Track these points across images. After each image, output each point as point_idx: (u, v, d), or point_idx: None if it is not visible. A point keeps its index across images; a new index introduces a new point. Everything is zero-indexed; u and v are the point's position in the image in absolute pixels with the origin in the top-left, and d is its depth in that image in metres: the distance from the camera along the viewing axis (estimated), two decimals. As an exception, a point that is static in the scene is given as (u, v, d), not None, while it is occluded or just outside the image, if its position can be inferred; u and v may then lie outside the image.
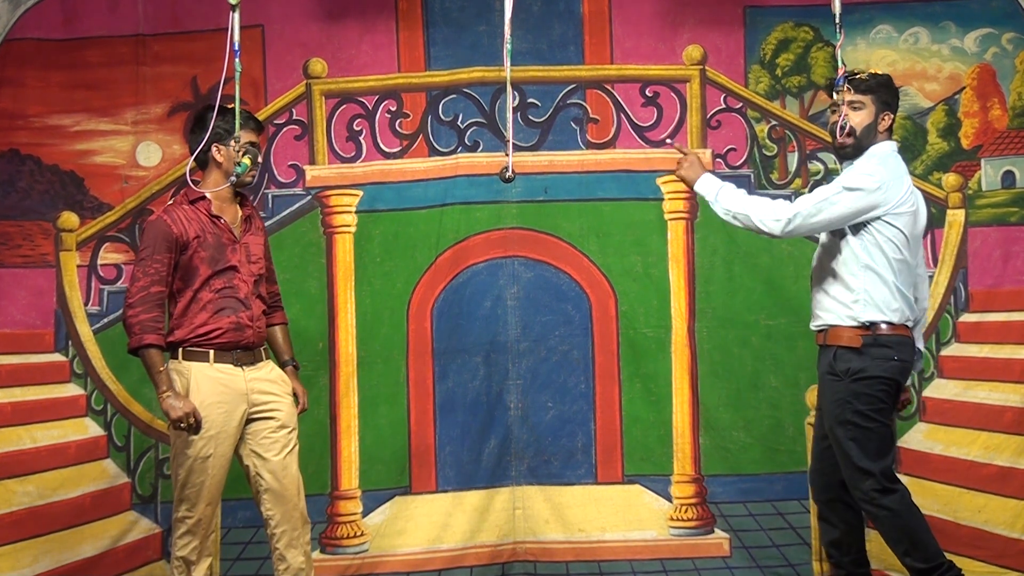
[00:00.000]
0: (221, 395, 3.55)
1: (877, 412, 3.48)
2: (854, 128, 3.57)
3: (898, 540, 3.51)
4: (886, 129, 3.62)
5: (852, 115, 3.56)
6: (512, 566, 4.53)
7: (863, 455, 3.46)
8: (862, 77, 3.61)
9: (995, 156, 4.59)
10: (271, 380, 3.69)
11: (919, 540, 3.50)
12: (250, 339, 3.63)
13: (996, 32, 4.59)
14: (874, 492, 3.46)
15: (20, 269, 4.55)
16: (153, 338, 3.48)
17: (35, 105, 4.58)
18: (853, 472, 3.50)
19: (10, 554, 4.31)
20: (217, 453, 3.56)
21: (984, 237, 4.59)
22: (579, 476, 4.60)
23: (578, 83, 4.67)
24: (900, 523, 3.48)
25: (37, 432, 4.47)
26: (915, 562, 3.50)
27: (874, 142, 3.60)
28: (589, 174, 4.63)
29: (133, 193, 4.64)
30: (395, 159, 4.68)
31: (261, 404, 3.63)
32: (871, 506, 3.49)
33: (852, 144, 3.58)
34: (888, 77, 3.69)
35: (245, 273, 3.65)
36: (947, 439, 4.52)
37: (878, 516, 3.51)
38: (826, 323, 3.60)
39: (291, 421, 3.68)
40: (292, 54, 4.67)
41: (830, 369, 3.55)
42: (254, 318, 3.65)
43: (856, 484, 3.50)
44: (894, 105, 3.65)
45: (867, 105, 3.58)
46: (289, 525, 3.64)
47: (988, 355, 4.53)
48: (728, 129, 4.65)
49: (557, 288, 4.64)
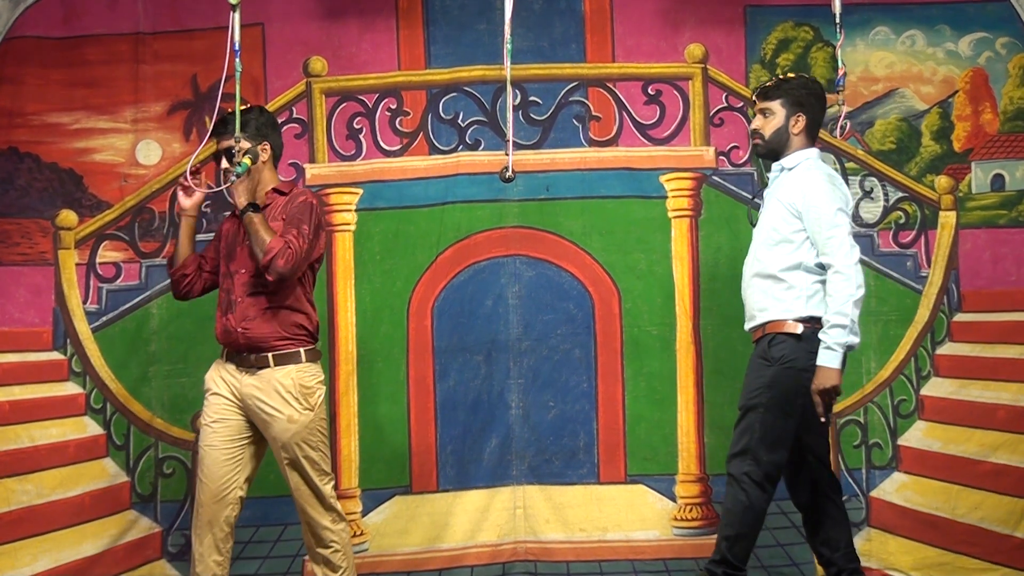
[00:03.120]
0: (218, 388, 3.58)
1: (790, 405, 3.56)
2: (762, 133, 3.71)
3: (731, 524, 3.60)
4: (801, 131, 3.68)
5: (762, 122, 3.71)
6: (513, 566, 4.51)
7: (761, 442, 3.55)
8: (767, 84, 3.72)
9: (985, 159, 4.63)
10: (266, 390, 3.53)
11: (744, 538, 3.60)
12: (238, 342, 3.54)
13: (990, 36, 4.63)
14: (748, 478, 3.55)
15: (18, 267, 4.52)
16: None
17: (34, 103, 4.56)
18: (742, 451, 3.59)
19: (9, 553, 4.28)
20: (203, 444, 3.56)
21: (974, 239, 4.63)
22: (581, 476, 4.59)
23: (580, 81, 4.67)
24: (746, 516, 3.57)
25: (36, 431, 4.44)
26: (726, 551, 3.60)
27: (789, 144, 3.70)
28: (591, 172, 4.64)
29: (132, 191, 4.63)
30: (395, 157, 4.68)
31: (256, 412, 3.55)
32: (736, 485, 3.58)
33: (763, 147, 3.73)
34: (801, 78, 3.74)
35: (243, 271, 3.57)
36: (945, 437, 4.55)
37: (735, 495, 3.59)
38: (765, 320, 3.67)
39: (283, 436, 3.52)
40: (292, 52, 4.66)
41: (763, 354, 3.63)
42: (239, 320, 3.54)
43: (738, 460, 3.59)
44: (811, 104, 3.69)
45: (776, 111, 3.69)
46: (304, 528, 3.62)
47: (980, 354, 4.58)
48: (731, 127, 4.67)
49: (559, 286, 4.64)
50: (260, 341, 3.54)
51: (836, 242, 3.51)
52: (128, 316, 4.59)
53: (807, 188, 3.60)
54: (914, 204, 4.66)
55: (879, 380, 4.60)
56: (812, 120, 3.70)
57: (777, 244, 3.64)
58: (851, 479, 4.58)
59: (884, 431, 4.60)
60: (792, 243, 3.60)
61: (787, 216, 3.62)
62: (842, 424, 4.59)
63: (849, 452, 4.59)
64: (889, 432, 4.60)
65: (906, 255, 4.64)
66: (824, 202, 3.56)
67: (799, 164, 3.68)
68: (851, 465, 4.59)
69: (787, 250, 3.61)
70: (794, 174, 3.68)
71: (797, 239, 3.60)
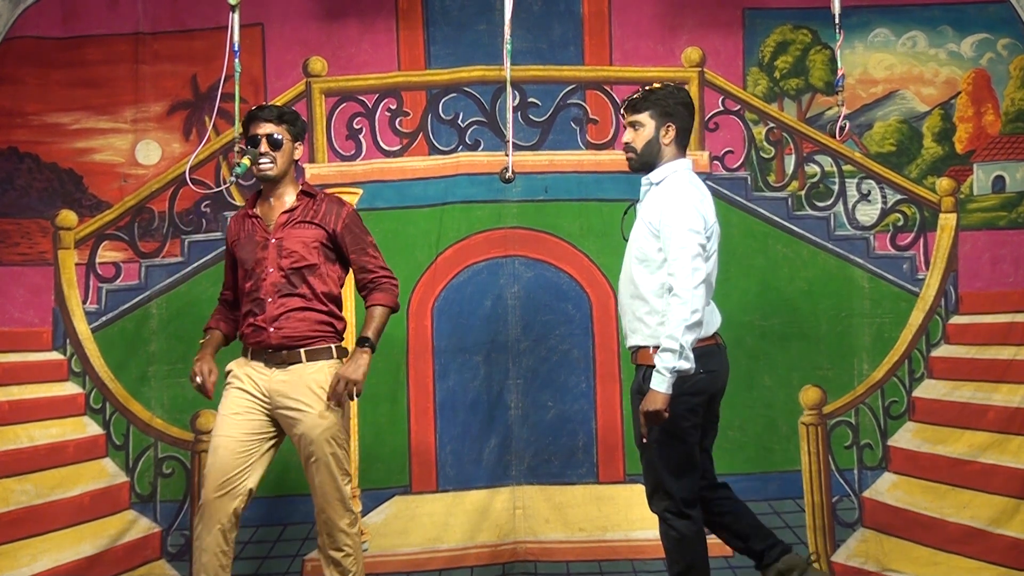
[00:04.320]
0: (243, 383, 3.56)
1: (681, 431, 3.47)
2: (634, 147, 3.59)
3: (676, 561, 3.57)
4: (671, 140, 3.58)
5: (633, 135, 3.59)
6: (513, 566, 4.53)
7: (666, 473, 3.50)
8: (635, 97, 3.60)
9: (987, 161, 4.65)
10: (297, 386, 3.53)
11: (694, 568, 3.56)
12: (269, 340, 3.54)
13: (992, 37, 4.64)
14: (668, 513, 3.53)
15: (18, 267, 4.53)
16: (211, 323, 3.78)
17: (34, 103, 4.57)
18: (654, 489, 3.56)
19: (9, 553, 4.30)
20: (219, 433, 3.54)
21: (974, 241, 4.64)
22: (580, 476, 4.61)
23: (578, 83, 4.69)
24: (684, 548, 3.54)
25: (35, 431, 4.46)
26: None
27: (661, 155, 3.58)
28: (589, 174, 4.65)
29: (132, 191, 4.63)
30: (395, 157, 4.69)
31: (284, 409, 3.54)
32: (663, 523, 3.57)
33: (636, 160, 3.61)
34: (668, 88, 3.63)
35: (272, 271, 3.56)
36: (934, 437, 4.58)
37: (666, 532, 3.57)
38: (636, 344, 3.58)
39: (312, 432, 3.51)
40: (292, 52, 4.67)
41: (639, 389, 3.51)
42: (270, 319, 3.54)
43: (655, 499, 3.56)
44: (679, 113, 3.58)
45: (645, 123, 3.57)
46: (320, 527, 3.62)
47: (974, 356, 4.59)
48: (726, 131, 4.68)
49: (557, 287, 4.65)
50: (292, 339, 3.55)
51: (679, 264, 3.36)
52: (128, 316, 4.60)
53: (665, 206, 3.47)
54: (913, 206, 4.67)
55: (871, 382, 4.62)
56: (682, 128, 3.59)
57: (641, 263, 3.53)
58: (843, 480, 4.61)
59: (875, 432, 4.62)
60: (654, 262, 3.48)
61: (648, 235, 3.50)
62: (833, 425, 4.62)
63: (840, 453, 4.61)
64: (879, 433, 4.62)
65: (903, 257, 4.66)
66: (676, 221, 3.40)
67: (665, 179, 3.55)
68: (842, 466, 4.61)
69: (650, 270, 3.50)
70: (659, 189, 3.56)
71: (658, 259, 3.46)
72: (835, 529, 4.58)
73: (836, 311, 4.64)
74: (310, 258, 3.59)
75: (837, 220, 4.68)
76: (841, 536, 4.58)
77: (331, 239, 3.64)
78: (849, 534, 4.58)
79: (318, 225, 3.61)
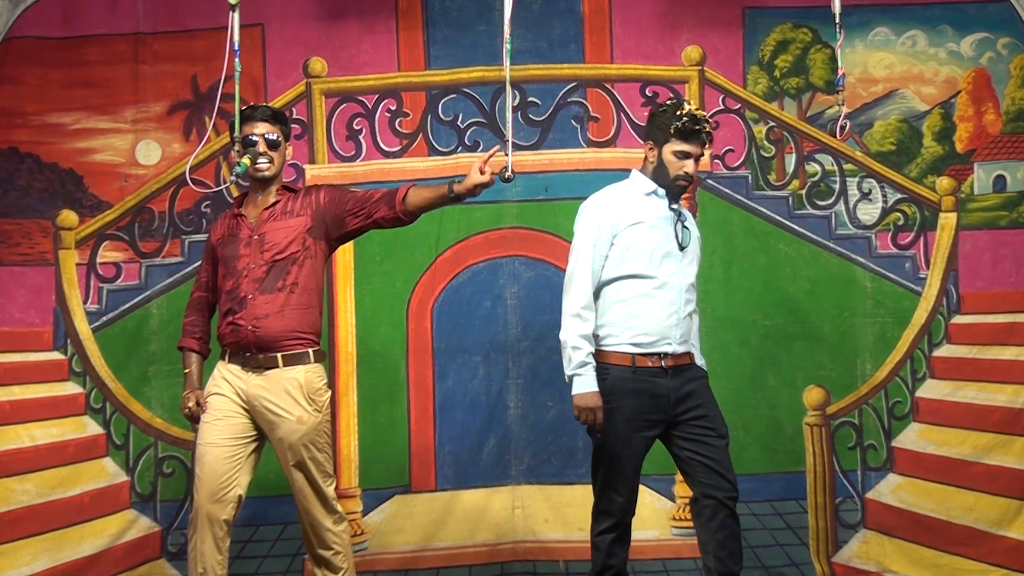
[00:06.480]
0: (220, 388, 3.54)
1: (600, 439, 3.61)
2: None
3: None
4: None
5: (695, 167, 3.59)
6: (511, 565, 4.53)
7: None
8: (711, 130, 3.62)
9: (988, 160, 4.64)
10: (274, 390, 3.48)
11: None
12: (248, 339, 3.47)
13: (992, 37, 4.63)
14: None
15: (19, 267, 4.54)
16: (187, 342, 3.70)
17: (34, 103, 4.58)
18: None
19: (9, 552, 4.31)
20: (204, 441, 3.49)
21: (975, 240, 4.63)
22: (579, 475, 4.55)
23: (578, 81, 4.68)
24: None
25: (36, 430, 4.47)
26: None
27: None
28: (590, 172, 4.63)
29: (132, 191, 4.64)
30: (395, 158, 4.69)
31: (262, 412, 3.50)
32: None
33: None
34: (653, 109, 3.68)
35: (254, 266, 3.50)
36: (939, 439, 4.56)
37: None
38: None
39: (290, 436, 3.47)
40: (292, 53, 4.67)
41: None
42: (250, 317, 3.47)
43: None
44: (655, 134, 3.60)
45: None
46: (306, 529, 3.60)
47: (977, 356, 4.58)
48: (726, 130, 4.67)
49: (557, 287, 4.52)
50: (270, 340, 3.48)
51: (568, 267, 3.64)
52: (128, 316, 4.61)
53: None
54: (913, 205, 4.66)
55: (875, 382, 4.61)
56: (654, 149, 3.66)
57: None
58: (846, 481, 4.59)
59: (879, 433, 4.61)
60: None
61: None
62: (836, 426, 4.60)
63: (844, 454, 4.60)
64: (883, 434, 4.61)
65: (904, 256, 4.64)
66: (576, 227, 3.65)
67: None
68: (846, 467, 4.60)
69: None
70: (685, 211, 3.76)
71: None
72: (837, 530, 4.56)
73: (839, 310, 4.63)
74: (292, 248, 3.51)
75: (838, 219, 4.67)
76: (843, 537, 4.56)
77: (318, 219, 3.55)
78: (851, 535, 4.56)
79: (299, 215, 3.55)
